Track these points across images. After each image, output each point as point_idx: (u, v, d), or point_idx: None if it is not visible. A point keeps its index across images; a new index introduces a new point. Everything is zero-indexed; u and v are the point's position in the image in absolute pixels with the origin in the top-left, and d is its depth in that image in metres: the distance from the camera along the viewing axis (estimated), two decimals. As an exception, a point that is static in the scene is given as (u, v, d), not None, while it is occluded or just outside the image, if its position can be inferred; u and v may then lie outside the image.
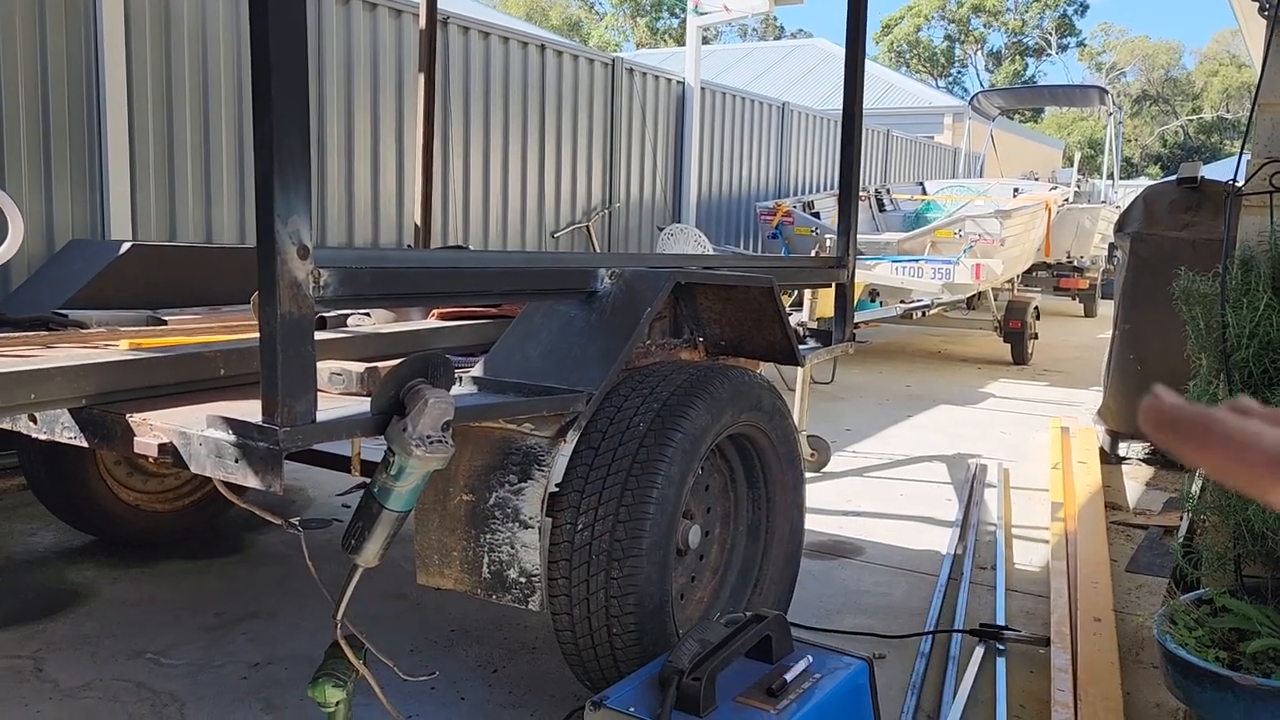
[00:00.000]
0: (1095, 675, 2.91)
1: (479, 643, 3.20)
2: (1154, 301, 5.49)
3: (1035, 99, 18.62)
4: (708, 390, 2.64)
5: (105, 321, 3.22)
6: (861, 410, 7.30)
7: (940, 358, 10.35)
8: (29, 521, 4.25)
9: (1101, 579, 3.71)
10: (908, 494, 5.15)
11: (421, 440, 1.95)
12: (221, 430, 1.92)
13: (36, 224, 4.82)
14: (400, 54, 6.67)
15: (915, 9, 47.19)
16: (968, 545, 4.28)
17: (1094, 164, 30.51)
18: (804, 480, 3.17)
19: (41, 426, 2.24)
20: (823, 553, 4.18)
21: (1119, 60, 48.95)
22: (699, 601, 2.95)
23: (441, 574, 2.45)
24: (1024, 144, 25.41)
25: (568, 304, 2.64)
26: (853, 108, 4.02)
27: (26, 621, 3.28)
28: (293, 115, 1.80)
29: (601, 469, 2.47)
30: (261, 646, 3.14)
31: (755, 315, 3.16)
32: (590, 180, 8.67)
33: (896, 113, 21.36)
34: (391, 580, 3.60)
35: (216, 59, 5.53)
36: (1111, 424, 5.87)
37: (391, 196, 6.73)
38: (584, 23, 47.48)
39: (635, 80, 9.14)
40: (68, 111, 4.93)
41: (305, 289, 1.85)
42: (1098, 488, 5.00)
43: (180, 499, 4.02)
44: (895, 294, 8.58)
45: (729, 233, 10.72)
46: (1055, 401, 7.94)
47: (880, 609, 3.59)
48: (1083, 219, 12.09)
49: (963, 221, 8.96)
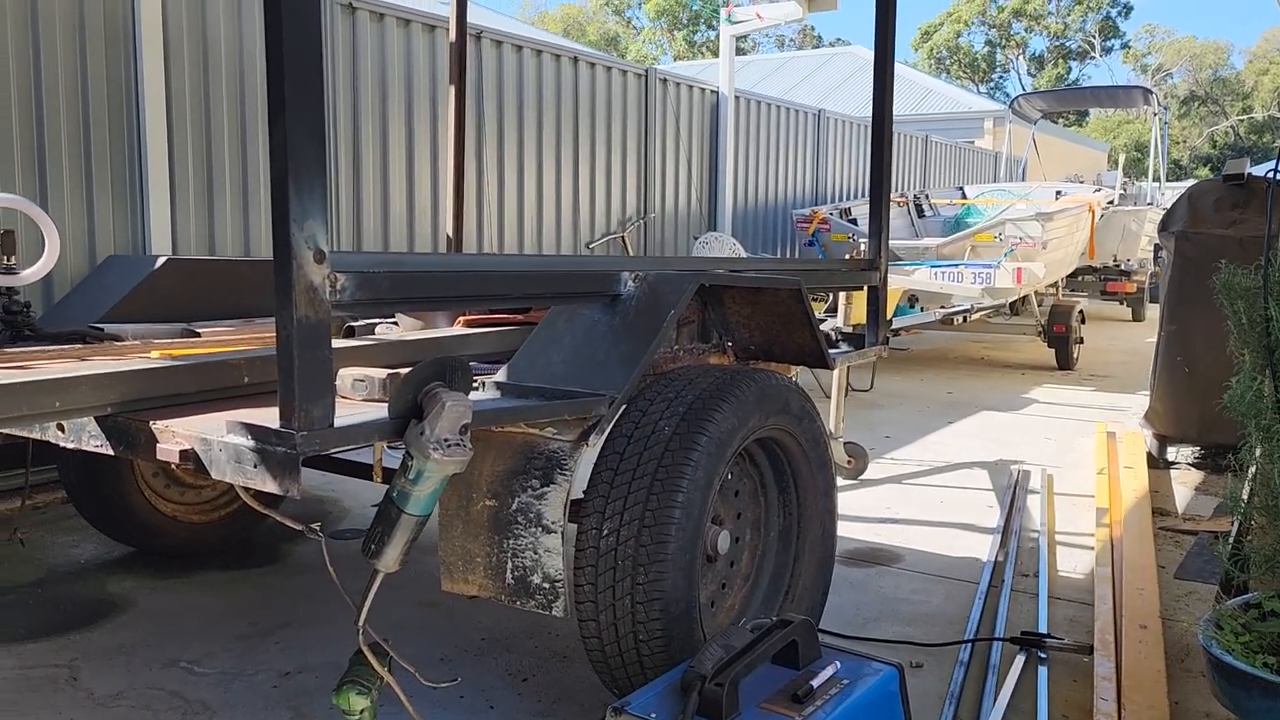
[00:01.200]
0: (1141, 684, 2.82)
1: (509, 651, 3.18)
2: (1201, 302, 5.35)
3: (1077, 101, 18.36)
4: (734, 393, 2.61)
5: (140, 334, 3.27)
6: (901, 417, 7.20)
7: (983, 364, 10.20)
8: (70, 533, 4.32)
9: (1148, 585, 3.61)
10: (948, 500, 5.06)
11: (439, 444, 1.94)
12: (240, 435, 1.92)
13: (78, 241, 4.91)
14: (434, 69, 6.72)
15: (955, 15, 46.81)
16: (1009, 552, 4.19)
17: (1141, 167, 30.00)
18: (836, 485, 3.12)
19: (69, 435, 2.27)
20: (860, 560, 4.11)
21: (1165, 61, 48.15)
22: (730, 609, 2.90)
23: (466, 580, 2.43)
24: (1068, 147, 25.06)
25: (591, 308, 2.63)
26: (882, 106, 3.97)
27: (65, 631, 3.31)
28: (307, 118, 1.80)
29: (626, 473, 2.45)
30: (293, 655, 3.15)
31: (784, 318, 3.11)
32: (625, 191, 8.68)
33: (936, 118, 21.17)
34: (422, 588, 3.60)
35: (253, 78, 5.61)
36: (1159, 428, 5.73)
37: (426, 209, 6.78)
38: (621, 38, 47.71)
39: (669, 91, 9.14)
40: (108, 132, 5.03)
41: (321, 293, 1.85)
42: (1145, 493, 4.87)
43: (216, 510, 4.06)
44: (935, 299, 8.47)
45: (765, 241, 10.67)
46: (1101, 407, 7.77)
47: (918, 617, 3.52)
48: (1129, 221, 11.86)
49: (1003, 225, 8.83)
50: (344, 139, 6.20)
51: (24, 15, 4.68)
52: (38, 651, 3.15)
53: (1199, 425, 5.42)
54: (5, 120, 4.62)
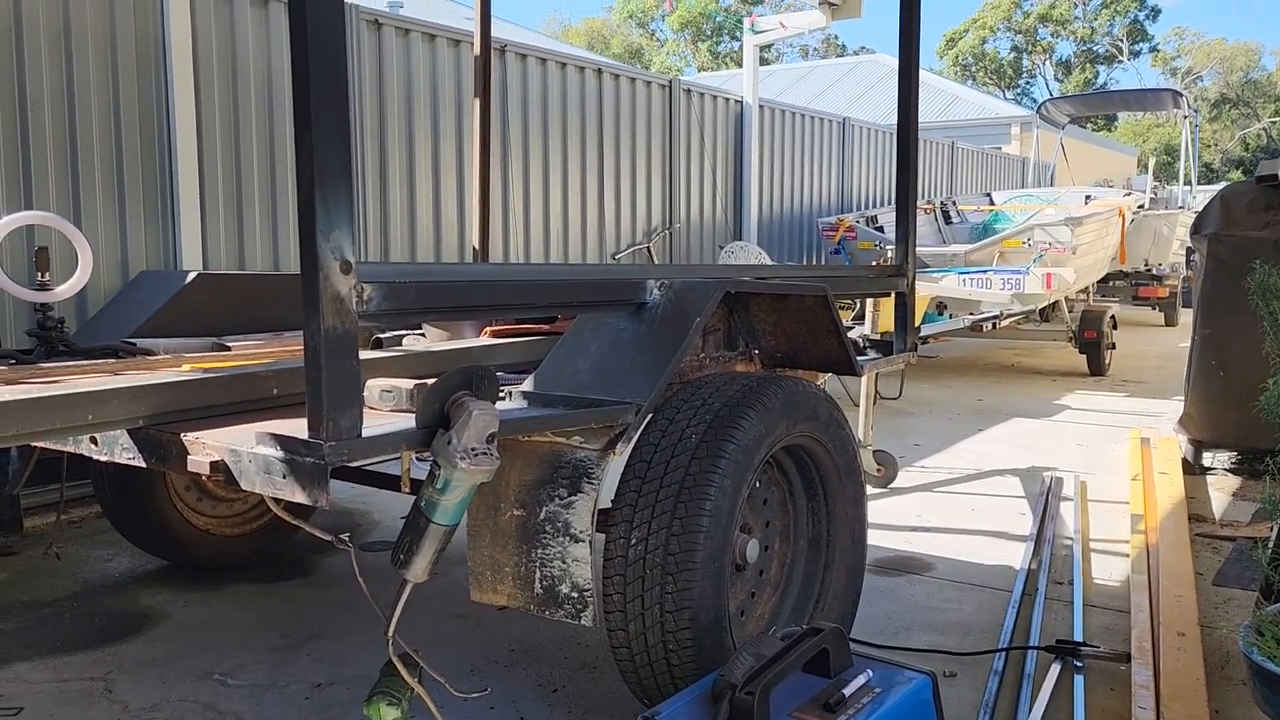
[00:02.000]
0: (1179, 692, 2.77)
1: (539, 662, 3.18)
2: (1235, 304, 5.27)
3: (1105, 105, 18.19)
4: (760, 401, 2.59)
5: (171, 348, 3.30)
6: (930, 425, 7.15)
7: (1013, 370, 10.11)
8: (105, 547, 4.36)
9: (1186, 592, 3.55)
10: (979, 508, 5.01)
11: (466, 453, 1.94)
12: (269, 446, 1.93)
13: (112, 258, 4.98)
14: (459, 82, 6.77)
15: (980, 21, 46.57)
16: (1043, 560, 4.13)
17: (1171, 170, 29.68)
18: (865, 492, 3.10)
19: (102, 448, 2.29)
20: (891, 569, 4.08)
21: (1195, 64, 47.63)
22: (760, 618, 2.88)
23: (494, 590, 2.43)
24: (1097, 152, 24.84)
25: (617, 316, 2.62)
26: (907, 110, 3.95)
27: (100, 644, 3.35)
28: (332, 130, 1.82)
29: (654, 482, 2.44)
30: (325, 667, 3.16)
31: (810, 325, 3.10)
32: (650, 201, 8.69)
33: (962, 124, 21.07)
34: (452, 600, 3.60)
35: (281, 94, 5.68)
36: (1194, 433, 5.65)
37: (453, 222, 6.82)
38: (645, 50, 47.86)
39: (693, 101, 9.15)
40: (140, 150, 5.10)
41: (348, 303, 1.86)
42: (1180, 499, 4.80)
43: (248, 523, 4.08)
44: (963, 306, 8.40)
45: (791, 250, 10.64)
46: (1135, 413, 7.67)
47: (951, 626, 3.48)
48: (1160, 226, 11.73)
49: (1032, 230, 8.76)
50: (371, 153, 6.25)
51: (58, 37, 4.76)
52: (74, 664, 3.19)
53: (1235, 429, 5.34)
54: (40, 139, 4.70)
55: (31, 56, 4.66)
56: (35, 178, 4.69)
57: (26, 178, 4.66)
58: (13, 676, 3.09)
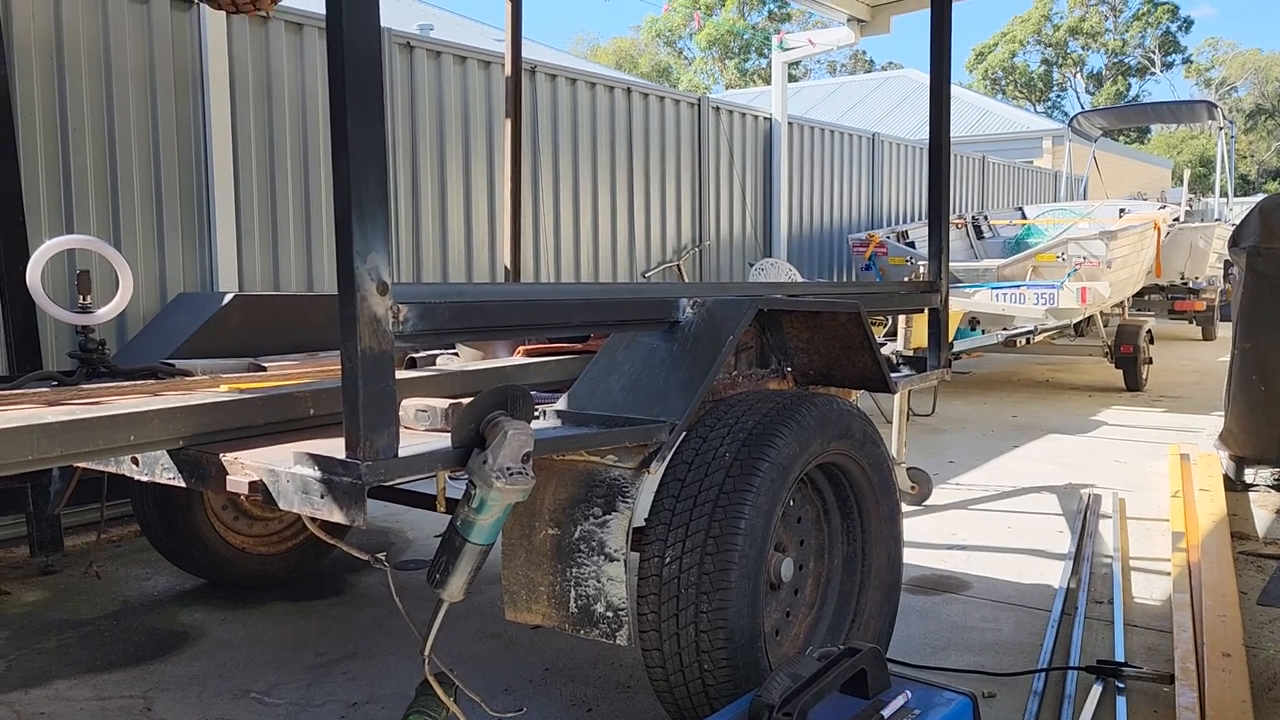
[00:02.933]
0: (1225, 714, 2.72)
1: (573, 681, 3.17)
2: (1276, 317, 5.20)
3: (1139, 118, 18.03)
4: (794, 418, 2.59)
5: (209, 369, 3.35)
6: (964, 442, 7.08)
7: (1048, 386, 10.00)
8: (144, 566, 4.41)
9: (1230, 612, 3.48)
10: (1016, 526, 4.95)
11: (502, 472, 1.95)
12: (307, 466, 1.95)
13: (150, 280, 5.06)
14: (490, 103, 6.83)
15: (1009, 35, 46.38)
16: (1082, 578, 4.07)
17: (1206, 182, 29.33)
18: (900, 510, 3.07)
19: (143, 468, 2.32)
20: (926, 588, 4.03)
21: (1229, 75, 47.13)
22: (795, 638, 2.86)
23: (529, 609, 2.43)
24: (1130, 164, 24.62)
25: (650, 335, 2.63)
26: (939, 125, 3.94)
27: (139, 662, 3.38)
28: (370, 154, 1.84)
29: (688, 500, 2.43)
30: (361, 686, 3.17)
31: (843, 342, 3.09)
32: (680, 219, 8.70)
33: (993, 139, 20.98)
34: (486, 619, 3.61)
35: (315, 119, 5.75)
36: (1235, 449, 5.55)
37: (484, 240, 6.86)
38: (673, 68, 48.06)
39: (722, 118, 9.17)
40: (178, 175, 5.18)
41: (385, 324, 1.87)
42: (1222, 516, 4.72)
43: (284, 542, 4.12)
44: (997, 321, 8.33)
45: (821, 266, 10.61)
46: (1173, 428, 7.56)
47: (988, 646, 3.44)
48: (1196, 238, 11.59)
49: (1066, 244, 8.68)
50: (403, 173, 6.31)
51: (98, 65, 4.86)
52: (113, 682, 3.22)
53: (1278, 445, 5.25)
54: (81, 165, 4.79)
55: (73, 83, 4.76)
56: (76, 202, 4.78)
57: (68, 202, 4.76)
58: (54, 694, 3.13)
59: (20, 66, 4.56)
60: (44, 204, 4.66)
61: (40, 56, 4.65)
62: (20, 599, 4.02)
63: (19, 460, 2.04)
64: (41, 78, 4.65)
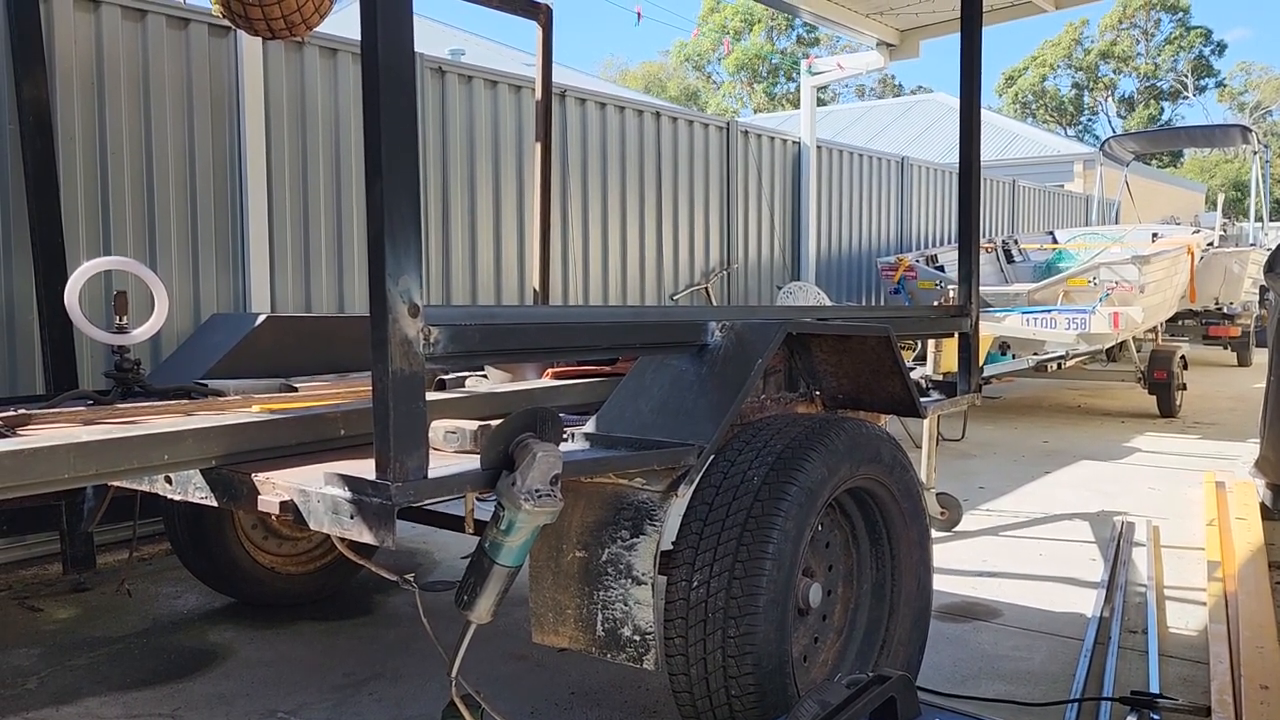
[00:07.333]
0: (1264, 748, 2.66)
1: (598, 705, 3.16)
2: (1313, 344, 5.12)
3: (1171, 142, 17.88)
4: (823, 442, 2.57)
5: (242, 390, 3.38)
6: (995, 467, 7.01)
7: (1080, 412, 9.89)
8: (174, 585, 4.45)
9: (1268, 643, 3.42)
10: (1047, 553, 4.89)
11: (530, 494, 1.95)
12: (337, 487, 1.96)
13: (184, 301, 5.12)
14: (520, 127, 6.89)
15: (1039, 59, 46.24)
16: (1115, 607, 4.01)
17: (1241, 207, 29.03)
18: (930, 536, 3.04)
19: (176, 487, 2.34)
20: (956, 615, 3.99)
21: (1263, 98, 46.70)
22: (823, 664, 2.84)
23: (556, 632, 2.43)
24: (1163, 189, 24.42)
25: (679, 358, 2.63)
26: (970, 148, 3.93)
27: (168, 680, 3.40)
28: (403, 178, 1.86)
29: (716, 524, 2.43)
30: (387, 707, 3.17)
31: (873, 366, 3.08)
32: (708, 242, 8.72)
33: (1023, 163, 20.87)
34: (513, 641, 3.60)
35: (348, 143, 5.83)
36: (1272, 477, 5.45)
37: (513, 264, 6.91)
38: (701, 92, 48.28)
39: (750, 142, 9.19)
40: (213, 197, 5.26)
41: (416, 346, 1.89)
42: (1259, 545, 4.63)
43: (313, 561, 4.14)
44: (1027, 346, 8.25)
45: (850, 290, 10.58)
46: (1208, 455, 7.45)
47: (1019, 675, 3.39)
48: (1230, 263, 11.46)
49: (1098, 268, 8.60)
50: (434, 196, 6.37)
51: (136, 90, 4.95)
52: (143, 700, 3.24)
53: (1316, 474, 5.15)
54: (119, 187, 4.88)
55: (112, 107, 4.85)
56: (114, 224, 4.86)
57: (105, 224, 4.84)
58: (84, 711, 3.15)
59: (61, 91, 4.65)
60: (82, 226, 4.74)
61: (81, 82, 4.74)
62: (52, 616, 4.06)
63: (56, 478, 2.07)
64: (82, 102, 4.75)
